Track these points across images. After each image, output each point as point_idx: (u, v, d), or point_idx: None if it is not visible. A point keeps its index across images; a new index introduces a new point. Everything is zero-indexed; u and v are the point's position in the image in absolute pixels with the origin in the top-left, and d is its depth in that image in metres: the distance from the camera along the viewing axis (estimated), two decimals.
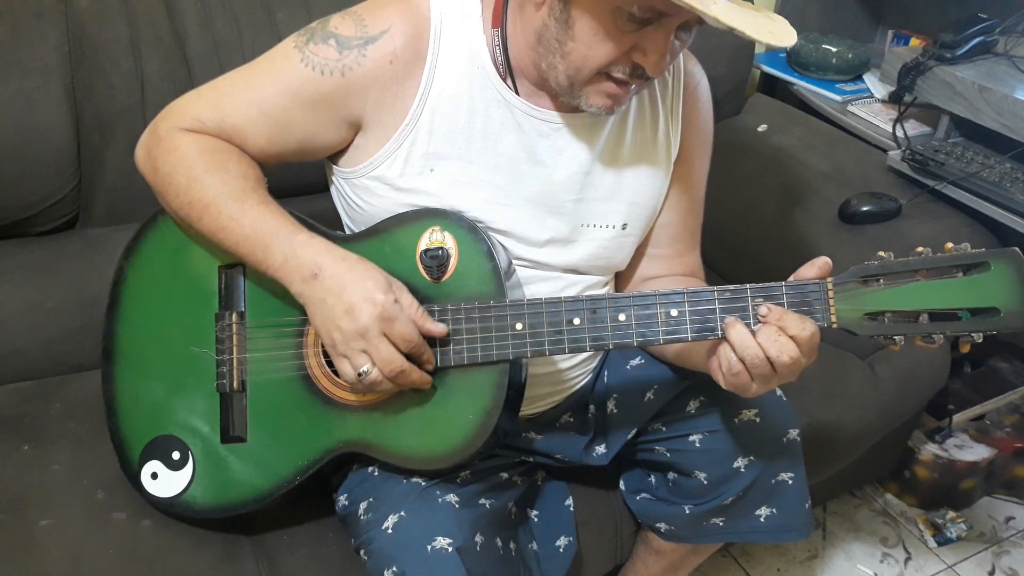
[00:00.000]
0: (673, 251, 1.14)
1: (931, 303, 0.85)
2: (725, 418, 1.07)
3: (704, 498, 1.10)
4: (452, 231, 0.96)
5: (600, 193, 1.05)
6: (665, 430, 1.11)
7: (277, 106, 0.97)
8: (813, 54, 1.93)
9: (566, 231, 1.04)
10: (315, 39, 0.96)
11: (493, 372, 0.94)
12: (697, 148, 1.12)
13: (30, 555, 1.01)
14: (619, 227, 1.07)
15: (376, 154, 0.99)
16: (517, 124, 1.00)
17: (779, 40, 0.87)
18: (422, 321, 0.91)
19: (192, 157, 0.95)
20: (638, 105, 1.05)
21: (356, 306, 0.88)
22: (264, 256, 0.93)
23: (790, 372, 0.87)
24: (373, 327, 0.88)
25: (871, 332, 0.87)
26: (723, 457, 1.07)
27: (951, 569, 1.71)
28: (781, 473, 1.09)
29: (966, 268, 0.84)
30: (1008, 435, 1.79)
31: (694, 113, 1.10)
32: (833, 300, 0.87)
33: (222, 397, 1.03)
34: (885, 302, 0.86)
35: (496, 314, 0.93)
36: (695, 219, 1.16)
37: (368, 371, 0.89)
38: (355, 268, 0.90)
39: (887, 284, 0.86)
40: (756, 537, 1.13)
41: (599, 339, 0.92)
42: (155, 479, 1.04)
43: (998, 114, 1.49)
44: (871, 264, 0.87)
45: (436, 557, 0.91)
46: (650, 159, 1.07)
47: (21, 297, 1.27)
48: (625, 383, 1.15)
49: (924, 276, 0.85)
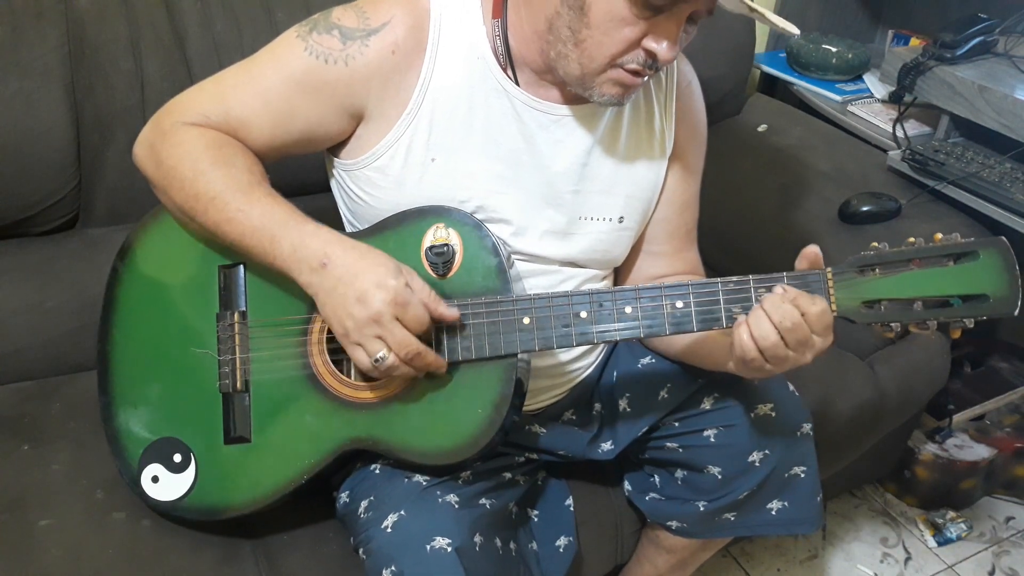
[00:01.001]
0: (671, 247, 1.15)
1: (924, 291, 0.88)
2: (741, 413, 1.08)
3: (718, 493, 1.10)
4: (457, 228, 0.96)
5: (597, 185, 1.05)
6: (678, 426, 1.11)
7: (280, 95, 0.97)
8: (813, 54, 1.93)
9: (564, 223, 1.05)
10: (318, 29, 0.97)
11: (500, 366, 0.94)
12: (691, 144, 1.12)
13: (30, 555, 1.01)
14: (616, 220, 1.07)
15: (377, 145, 1.00)
16: (517, 115, 1.00)
17: (788, 25, 0.89)
18: (435, 305, 0.91)
19: (198, 151, 0.95)
20: (632, 100, 1.05)
21: (368, 292, 0.88)
22: (271, 246, 0.93)
23: (800, 346, 0.88)
24: (386, 312, 0.88)
25: (868, 319, 0.91)
26: (738, 451, 1.08)
27: (951, 569, 1.71)
28: (795, 467, 1.10)
29: (956, 257, 0.88)
30: (1008, 435, 1.79)
31: (687, 109, 1.11)
32: (833, 288, 0.90)
33: (224, 397, 1.03)
34: (881, 290, 0.89)
35: (503, 308, 0.93)
36: (691, 215, 1.16)
37: (384, 356, 0.89)
38: (365, 256, 0.91)
39: (883, 273, 0.90)
40: (767, 530, 1.14)
41: (606, 332, 0.93)
42: (156, 482, 1.04)
43: (998, 114, 1.50)
44: (867, 254, 0.90)
45: (435, 557, 0.91)
46: (646, 152, 1.08)
47: (21, 297, 1.27)
48: (637, 380, 1.15)
49: (917, 265, 0.89)
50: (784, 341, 0.88)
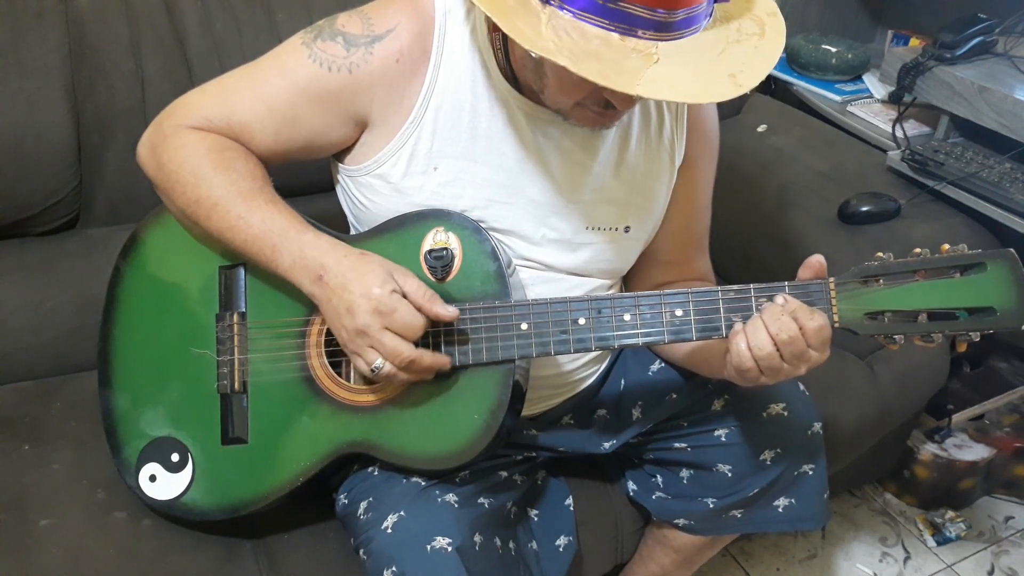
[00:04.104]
0: (682, 256, 1.14)
1: (930, 303, 0.87)
2: (752, 413, 1.08)
3: (729, 491, 1.10)
4: (456, 232, 0.96)
5: (603, 195, 1.04)
6: (687, 426, 1.11)
7: (285, 102, 0.97)
8: (813, 54, 1.93)
9: (568, 232, 1.04)
10: (322, 36, 0.96)
11: (498, 372, 0.94)
12: (702, 153, 1.11)
13: (30, 555, 1.01)
14: (622, 230, 1.07)
15: (380, 152, 0.99)
16: (521, 124, 1.00)
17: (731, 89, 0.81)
18: (431, 305, 0.90)
19: (200, 155, 0.95)
20: (643, 109, 1.05)
21: (354, 303, 0.88)
22: (272, 255, 0.93)
23: (795, 359, 0.88)
24: (372, 323, 0.88)
25: (871, 331, 0.89)
26: (750, 451, 1.08)
27: (950, 569, 1.71)
28: (804, 465, 1.10)
29: (963, 269, 0.86)
30: (1007, 435, 1.79)
31: (699, 118, 1.10)
32: (835, 299, 0.89)
33: (222, 398, 1.03)
34: (885, 302, 0.88)
35: (501, 314, 0.93)
36: (701, 224, 1.16)
37: (381, 365, 0.89)
38: (356, 265, 0.90)
39: (887, 284, 0.88)
40: (772, 527, 1.14)
41: (604, 339, 0.92)
42: (153, 481, 1.04)
43: (998, 114, 1.50)
44: (871, 264, 0.88)
45: (436, 557, 0.91)
46: (654, 163, 1.07)
47: (21, 297, 1.27)
48: (649, 388, 1.15)
49: (923, 276, 0.87)
50: (780, 353, 0.87)
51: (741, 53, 0.84)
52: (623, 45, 0.80)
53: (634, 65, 0.79)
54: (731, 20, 0.86)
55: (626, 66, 0.79)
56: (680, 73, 0.80)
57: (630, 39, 0.80)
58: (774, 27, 0.88)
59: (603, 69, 0.77)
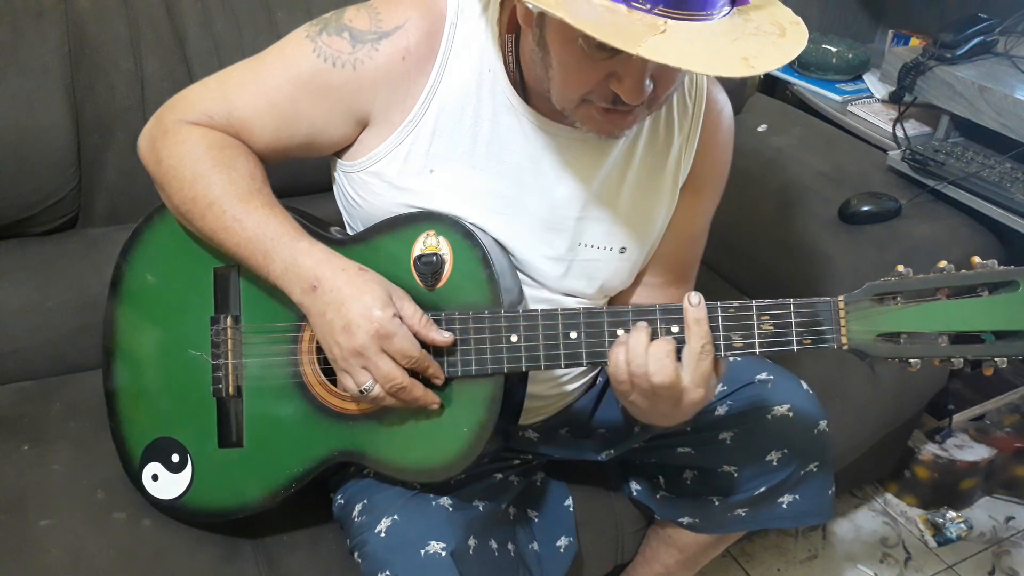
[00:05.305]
0: (663, 280, 1.10)
1: (953, 324, 0.78)
2: (757, 416, 1.07)
3: (735, 490, 1.10)
4: (447, 236, 0.93)
5: (602, 214, 1.01)
6: (691, 432, 1.10)
7: (286, 96, 0.95)
8: (813, 54, 1.93)
9: (563, 249, 1.01)
10: (328, 30, 0.94)
11: (488, 385, 0.92)
12: (709, 179, 1.06)
13: (30, 555, 1.01)
14: (617, 250, 1.03)
15: (376, 149, 0.97)
16: (524, 133, 0.97)
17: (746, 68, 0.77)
18: (426, 331, 0.89)
19: (199, 152, 0.94)
20: (652, 127, 1.01)
21: (353, 322, 0.86)
22: (265, 261, 0.91)
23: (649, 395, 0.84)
24: (371, 345, 0.86)
25: (885, 354, 0.81)
26: (756, 452, 1.07)
27: (951, 569, 1.71)
28: (810, 464, 1.09)
29: (992, 287, 0.77)
30: (1008, 435, 1.79)
31: (712, 143, 1.04)
32: (844, 320, 0.82)
33: (219, 402, 1.02)
34: (902, 323, 0.79)
35: (491, 325, 0.90)
36: (692, 252, 1.12)
37: (370, 388, 0.88)
38: (354, 281, 0.88)
39: (905, 303, 0.79)
40: (777, 523, 1.13)
41: (596, 354, 0.89)
42: (156, 480, 1.04)
43: (998, 114, 1.50)
44: (888, 281, 0.80)
45: (430, 562, 0.90)
46: (657, 184, 1.03)
47: (21, 297, 1.27)
48: None
49: (945, 295, 0.78)
50: (631, 382, 0.84)
51: (757, 43, 0.79)
52: (629, 16, 0.75)
53: (638, 30, 0.74)
54: (749, 21, 0.83)
55: (629, 30, 0.74)
56: (687, 47, 0.75)
57: (637, 11, 0.75)
58: (796, 31, 0.84)
59: (603, 27, 0.73)
